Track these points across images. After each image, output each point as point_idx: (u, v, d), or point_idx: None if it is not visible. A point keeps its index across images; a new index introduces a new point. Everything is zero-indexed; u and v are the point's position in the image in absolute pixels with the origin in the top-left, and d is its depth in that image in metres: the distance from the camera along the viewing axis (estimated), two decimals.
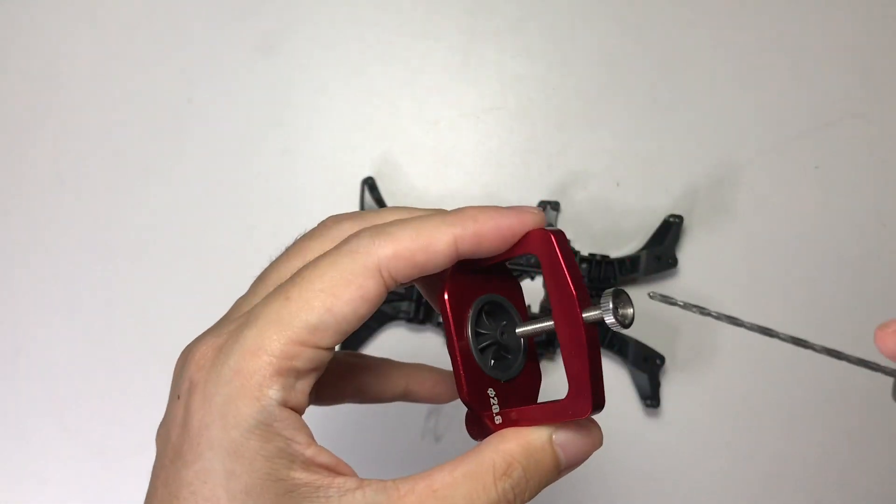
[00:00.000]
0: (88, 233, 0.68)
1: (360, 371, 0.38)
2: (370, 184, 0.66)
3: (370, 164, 0.67)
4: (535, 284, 0.64)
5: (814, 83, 0.67)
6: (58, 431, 0.65)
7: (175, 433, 0.29)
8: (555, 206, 0.64)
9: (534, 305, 0.63)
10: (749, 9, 0.68)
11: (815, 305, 0.64)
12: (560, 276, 0.29)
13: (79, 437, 0.65)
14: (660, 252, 0.63)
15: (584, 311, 0.29)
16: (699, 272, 0.64)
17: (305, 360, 0.29)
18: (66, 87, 0.70)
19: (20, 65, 0.71)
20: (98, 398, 0.66)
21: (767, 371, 0.64)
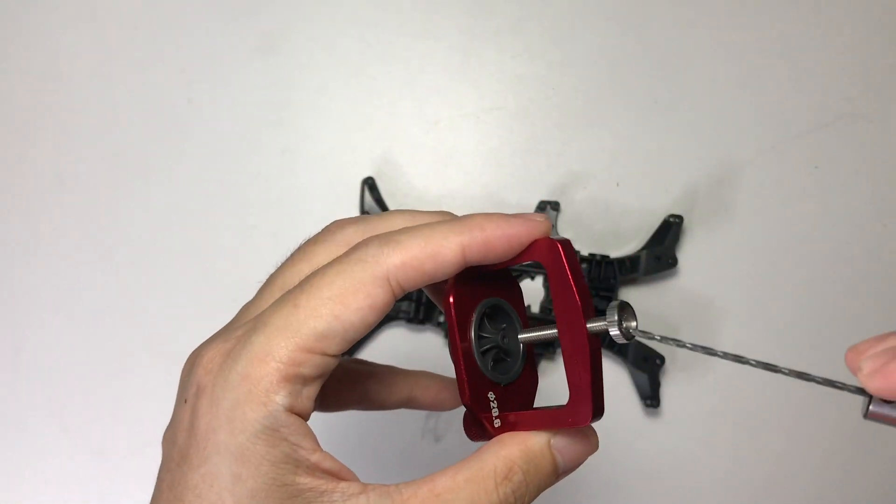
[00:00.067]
0: (88, 233, 0.68)
1: (365, 378, 0.38)
2: (370, 184, 0.66)
3: (370, 164, 0.67)
4: (535, 284, 0.64)
5: (814, 83, 0.67)
6: (58, 431, 0.65)
7: (181, 436, 0.30)
8: (555, 206, 0.64)
9: (534, 305, 0.63)
10: (749, 9, 0.68)
11: (815, 305, 0.64)
12: (566, 286, 0.30)
13: (79, 437, 0.65)
14: (660, 252, 0.63)
15: (589, 322, 0.30)
16: (699, 272, 0.64)
17: (312, 367, 0.29)
18: (66, 87, 0.70)
19: (20, 64, 0.71)
20: (98, 398, 0.66)
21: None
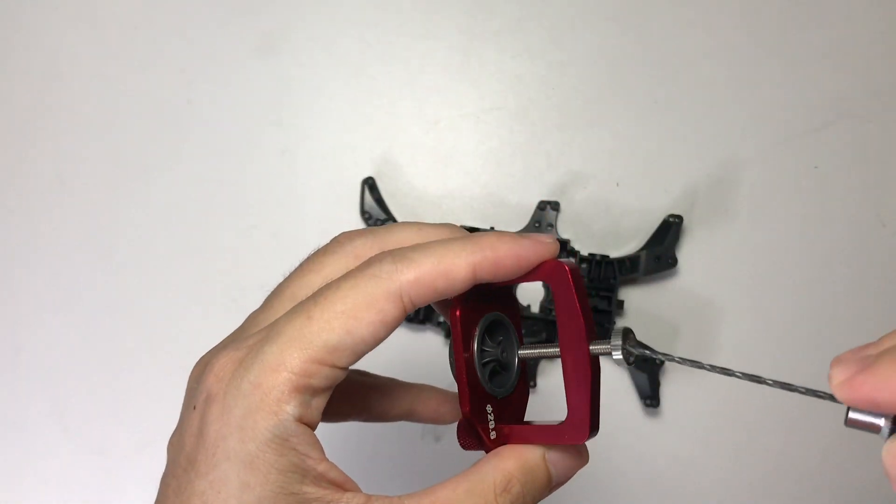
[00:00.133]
0: (88, 233, 0.68)
1: (367, 390, 0.39)
2: (370, 184, 0.66)
3: (370, 164, 0.67)
4: (535, 285, 0.64)
5: (814, 83, 0.67)
6: (58, 431, 0.65)
7: (190, 442, 0.30)
8: (555, 206, 0.64)
9: (533, 305, 0.63)
10: (749, 9, 0.68)
11: (815, 305, 0.64)
12: (572, 308, 0.31)
13: (79, 437, 0.65)
14: (659, 252, 0.63)
15: (592, 344, 0.31)
16: (699, 272, 0.65)
17: (322, 379, 0.30)
18: (67, 88, 0.70)
19: (20, 65, 0.71)
20: (98, 398, 0.66)
21: (767, 371, 0.64)
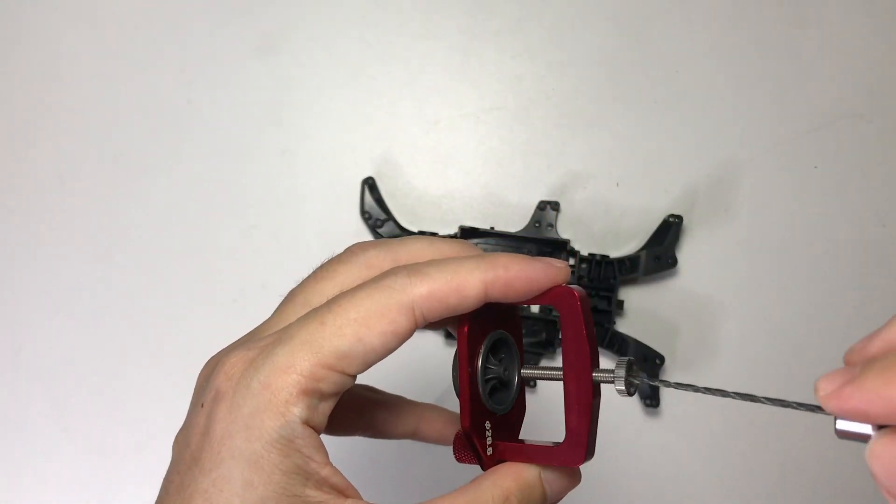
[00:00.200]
0: (88, 232, 0.68)
1: (374, 406, 0.39)
2: (370, 184, 0.66)
3: (370, 164, 0.67)
4: None
5: (814, 83, 0.67)
6: (58, 431, 0.65)
7: (195, 440, 0.30)
8: (555, 207, 0.64)
9: (533, 305, 0.63)
10: (749, 9, 0.68)
11: (815, 305, 0.64)
12: (578, 334, 0.31)
13: (79, 437, 0.65)
14: (659, 252, 0.63)
15: (595, 372, 0.31)
16: (698, 272, 0.65)
17: (330, 384, 0.30)
18: (67, 88, 0.70)
19: (20, 65, 0.71)
20: (98, 398, 0.66)
21: (767, 371, 0.64)
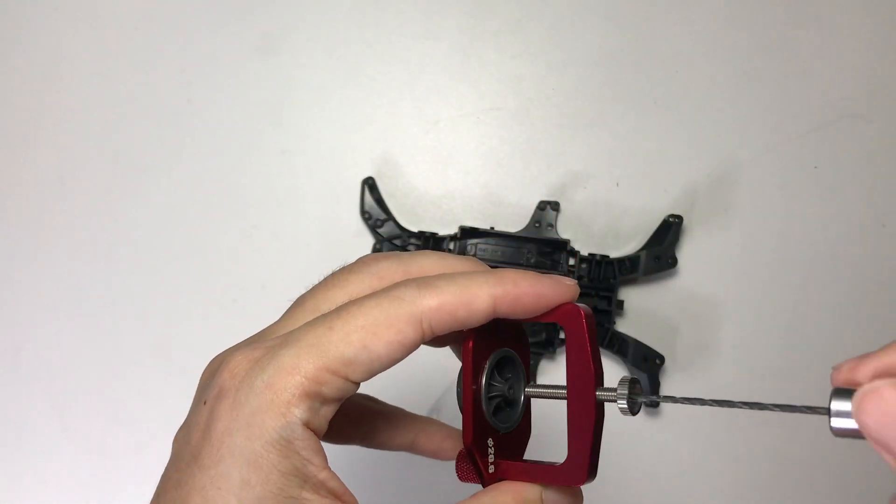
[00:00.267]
0: (88, 232, 0.68)
1: (372, 416, 0.39)
2: (370, 184, 0.66)
3: (370, 164, 0.67)
4: None
5: (814, 83, 0.67)
6: (58, 431, 0.65)
7: (196, 437, 0.30)
8: (555, 207, 0.64)
9: None
10: (749, 9, 0.68)
11: (815, 305, 0.64)
12: (583, 353, 0.31)
13: (79, 437, 0.65)
14: (659, 252, 0.63)
15: (599, 391, 0.31)
16: (698, 272, 0.65)
17: (333, 389, 0.30)
18: (66, 87, 0.70)
19: (20, 65, 0.71)
20: (98, 398, 0.66)
21: (767, 371, 0.64)
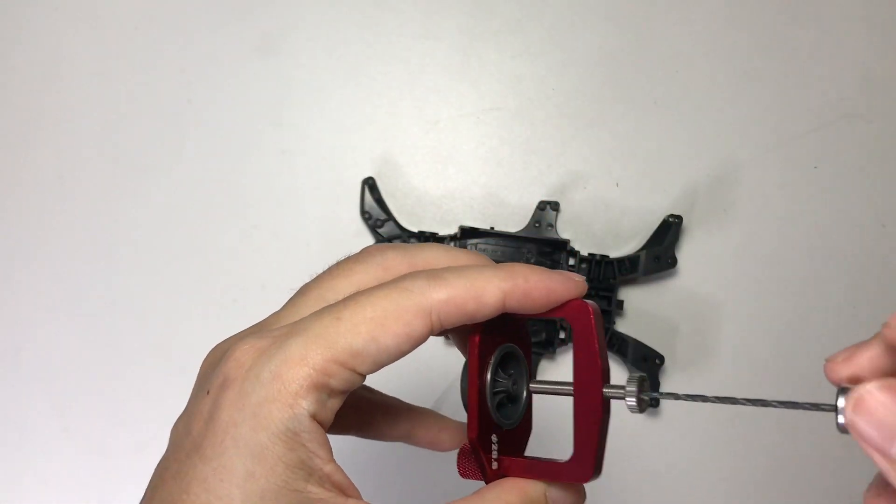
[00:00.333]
0: (88, 232, 0.68)
1: (369, 407, 0.39)
2: (370, 184, 0.66)
3: (370, 164, 0.67)
4: None
5: (813, 83, 0.67)
6: (58, 431, 0.65)
7: (197, 427, 0.29)
8: (554, 207, 0.64)
9: None
10: (749, 9, 0.68)
11: (814, 306, 0.64)
12: (590, 349, 0.31)
13: (79, 437, 0.65)
14: (659, 252, 0.63)
15: (606, 388, 0.31)
16: (698, 272, 0.65)
17: (340, 381, 0.29)
18: (67, 87, 0.70)
19: (20, 65, 0.71)
20: (98, 398, 0.66)
21: (767, 370, 0.64)
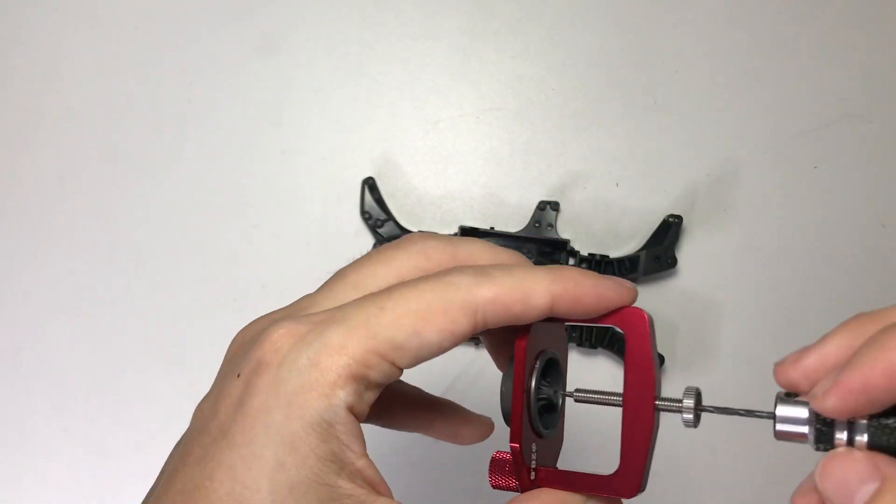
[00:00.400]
0: (89, 232, 0.68)
1: (391, 395, 0.37)
2: (370, 184, 0.66)
3: (370, 164, 0.67)
4: None
5: (813, 83, 0.67)
6: (58, 431, 0.65)
7: (226, 411, 0.28)
8: (555, 207, 0.64)
9: None
10: (749, 9, 0.68)
11: (815, 306, 0.64)
12: (645, 360, 0.30)
13: (79, 437, 0.65)
14: (659, 252, 0.63)
15: (659, 400, 0.30)
16: (698, 272, 0.65)
17: (379, 373, 0.29)
18: (66, 87, 0.70)
19: (20, 65, 0.71)
20: (98, 398, 0.66)
21: (766, 370, 0.64)
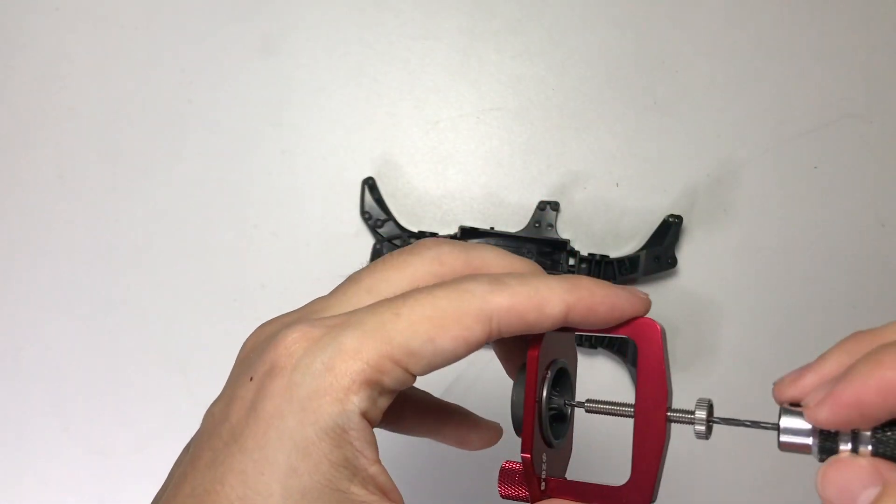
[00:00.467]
0: (89, 232, 0.68)
1: (399, 399, 0.37)
2: (370, 184, 0.66)
3: (370, 165, 0.67)
4: None
5: (813, 83, 0.67)
6: (58, 431, 0.65)
7: (238, 414, 0.28)
8: (554, 207, 0.64)
9: None
10: (749, 9, 0.68)
11: (814, 306, 0.64)
12: (657, 371, 0.30)
13: (79, 437, 0.65)
14: (659, 252, 0.63)
15: (671, 412, 0.31)
16: (698, 272, 0.65)
17: (393, 379, 0.29)
18: (67, 88, 0.70)
19: (20, 65, 0.71)
20: (98, 398, 0.66)
21: (766, 370, 0.64)
